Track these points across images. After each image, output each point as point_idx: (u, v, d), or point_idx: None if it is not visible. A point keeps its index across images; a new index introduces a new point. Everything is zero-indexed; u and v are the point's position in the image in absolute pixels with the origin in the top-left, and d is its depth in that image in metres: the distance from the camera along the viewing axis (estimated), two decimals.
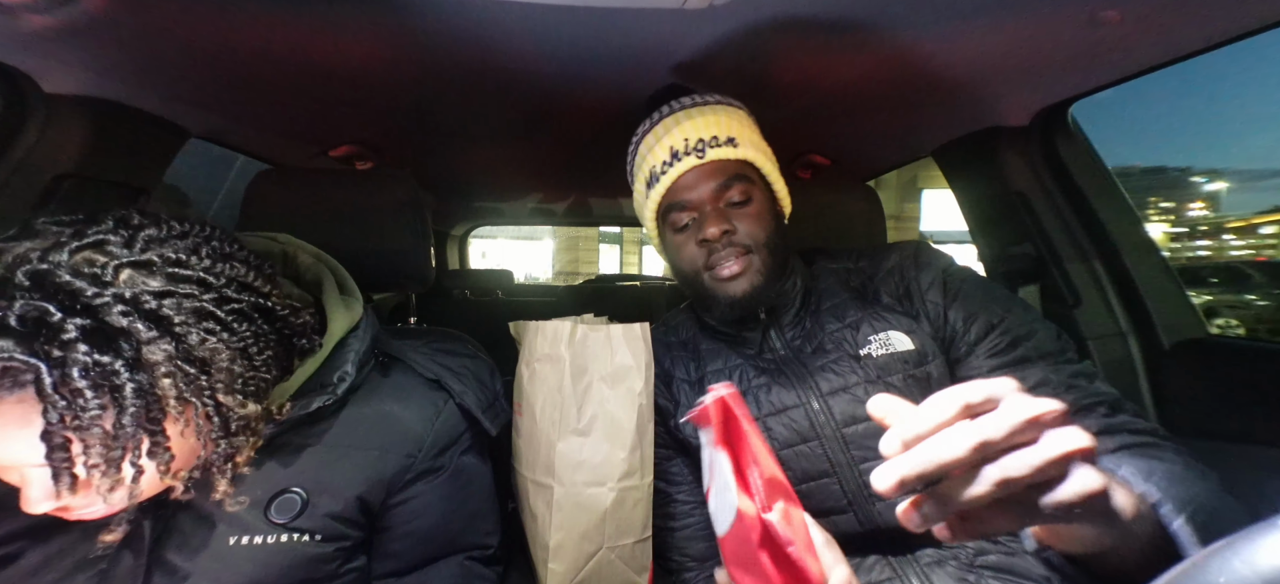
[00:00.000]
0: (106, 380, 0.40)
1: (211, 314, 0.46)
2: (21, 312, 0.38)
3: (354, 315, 0.62)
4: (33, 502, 0.42)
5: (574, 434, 0.66)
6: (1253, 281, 7.46)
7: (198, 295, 0.45)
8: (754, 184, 0.72)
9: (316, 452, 0.57)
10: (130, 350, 0.41)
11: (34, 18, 0.62)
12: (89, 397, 0.39)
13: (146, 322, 0.42)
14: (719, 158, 0.71)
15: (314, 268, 0.65)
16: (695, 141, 0.71)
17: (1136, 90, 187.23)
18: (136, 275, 0.43)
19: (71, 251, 0.42)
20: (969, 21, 0.68)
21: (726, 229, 0.70)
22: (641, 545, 0.69)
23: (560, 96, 0.94)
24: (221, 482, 0.48)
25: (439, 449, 0.63)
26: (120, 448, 0.41)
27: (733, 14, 0.65)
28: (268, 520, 0.55)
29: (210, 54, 0.75)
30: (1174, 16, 0.67)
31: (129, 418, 0.41)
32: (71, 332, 0.39)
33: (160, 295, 0.43)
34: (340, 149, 1.24)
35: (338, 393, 0.57)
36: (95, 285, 0.41)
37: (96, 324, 0.40)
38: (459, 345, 0.75)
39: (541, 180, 1.71)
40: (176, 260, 0.45)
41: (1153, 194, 32.82)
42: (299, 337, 0.55)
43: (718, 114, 0.73)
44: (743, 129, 0.73)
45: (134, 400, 0.41)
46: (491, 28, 0.69)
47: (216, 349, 0.45)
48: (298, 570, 0.55)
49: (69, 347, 0.38)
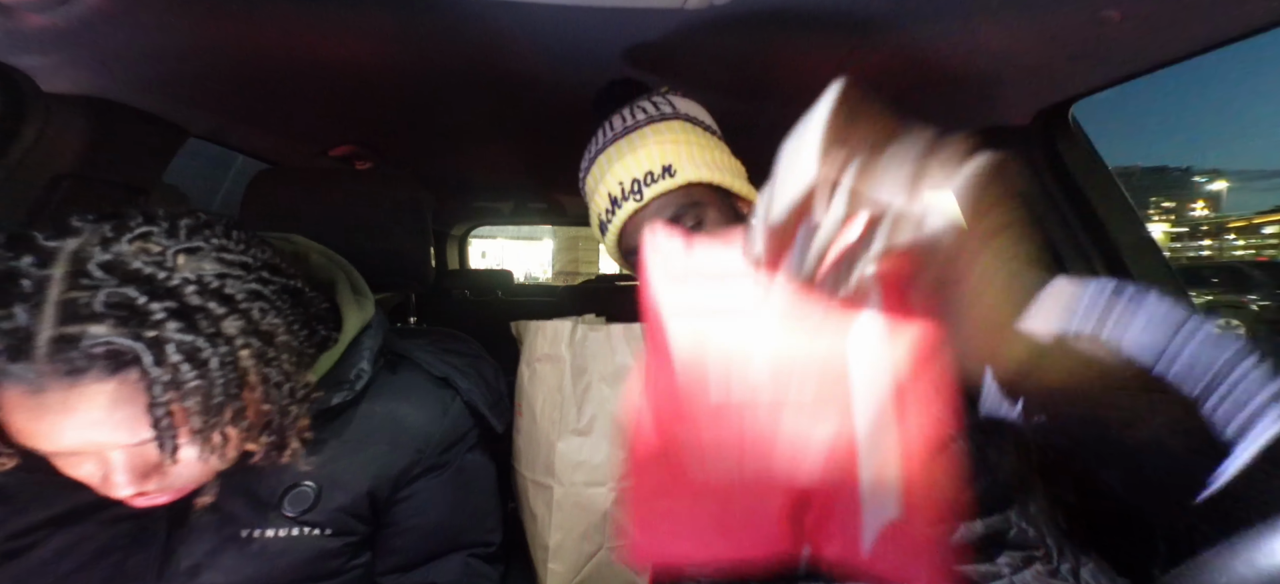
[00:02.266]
0: (196, 354, 0.42)
1: (261, 294, 0.49)
2: (108, 299, 0.40)
3: (367, 314, 0.64)
4: (119, 485, 0.44)
5: (574, 434, 0.66)
6: (1254, 281, 7.46)
7: (245, 277, 0.48)
8: (706, 205, 0.67)
9: (329, 447, 0.59)
10: (210, 327, 0.43)
11: (33, 17, 0.62)
12: (185, 370, 0.41)
13: (216, 300, 0.45)
14: (659, 193, 0.66)
15: (326, 268, 0.67)
16: (630, 183, 0.66)
17: (1136, 90, 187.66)
18: (192, 260, 0.46)
19: (128, 241, 0.44)
20: (969, 21, 0.68)
21: None
22: None
23: (560, 96, 0.94)
24: (293, 441, 0.51)
25: (446, 446, 0.64)
26: (213, 417, 0.43)
27: (733, 14, 0.65)
28: (281, 513, 0.56)
29: (210, 54, 0.75)
30: (1174, 16, 0.66)
31: (219, 388, 0.43)
32: (160, 313, 0.41)
33: (220, 277, 0.46)
34: (340, 149, 1.24)
35: (356, 389, 0.59)
36: (164, 270, 0.43)
37: (178, 304, 0.42)
38: (462, 345, 0.76)
39: (541, 180, 1.71)
40: (221, 246, 0.48)
41: (1154, 194, 32.86)
42: (319, 323, 0.58)
43: (649, 142, 0.67)
44: (682, 147, 0.67)
45: (220, 372, 0.43)
46: (491, 28, 0.69)
47: (275, 324, 0.49)
48: (307, 565, 0.57)
49: (160, 326, 0.41)
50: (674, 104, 0.71)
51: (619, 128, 0.70)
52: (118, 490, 0.44)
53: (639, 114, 0.70)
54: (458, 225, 2.49)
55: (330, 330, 0.60)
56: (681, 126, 0.69)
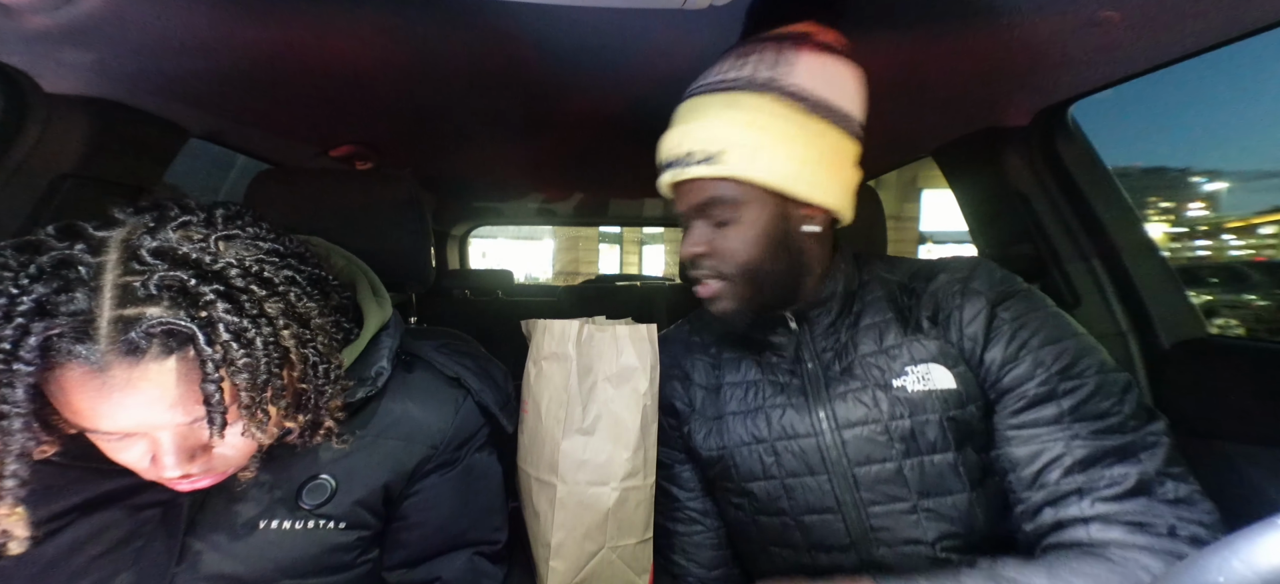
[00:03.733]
0: (243, 335, 0.44)
1: (295, 279, 0.50)
2: (161, 282, 0.42)
3: (386, 313, 0.65)
4: (169, 467, 0.45)
5: (578, 433, 0.66)
6: (1252, 281, 7.46)
7: (280, 263, 0.50)
8: (741, 204, 0.61)
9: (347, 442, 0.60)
10: (253, 308, 0.45)
11: (34, 18, 0.62)
12: (235, 348, 0.43)
13: (258, 283, 0.46)
14: (694, 178, 0.62)
15: (347, 269, 0.69)
16: (681, 152, 0.62)
17: (1136, 90, 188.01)
18: (232, 246, 0.48)
19: (172, 229, 0.46)
20: (969, 21, 0.68)
21: (696, 252, 0.64)
22: (643, 546, 0.69)
23: (560, 97, 0.94)
24: (329, 420, 0.53)
25: (457, 443, 0.66)
26: (259, 394, 0.45)
27: (733, 14, 0.65)
28: (298, 506, 0.57)
29: (210, 54, 0.75)
30: (1174, 16, 0.67)
31: (263, 366, 0.45)
32: (209, 295, 0.43)
33: (259, 262, 0.48)
34: (340, 149, 1.24)
35: (377, 385, 0.60)
36: (209, 255, 0.45)
37: (225, 287, 0.44)
38: (468, 346, 0.77)
39: (542, 180, 1.71)
40: (256, 234, 0.50)
41: (1152, 194, 32.82)
42: (344, 315, 0.61)
43: (716, 112, 0.60)
44: (750, 133, 0.59)
45: (264, 351, 0.45)
46: (492, 28, 0.69)
47: (310, 307, 0.50)
48: (322, 557, 0.58)
49: (211, 307, 0.43)
50: (791, 67, 0.60)
51: (712, 78, 0.63)
52: (167, 472, 0.45)
53: (741, 69, 0.61)
54: (458, 225, 2.49)
55: (352, 326, 0.62)
56: (773, 103, 0.59)
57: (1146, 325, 0.96)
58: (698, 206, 0.63)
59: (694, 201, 0.63)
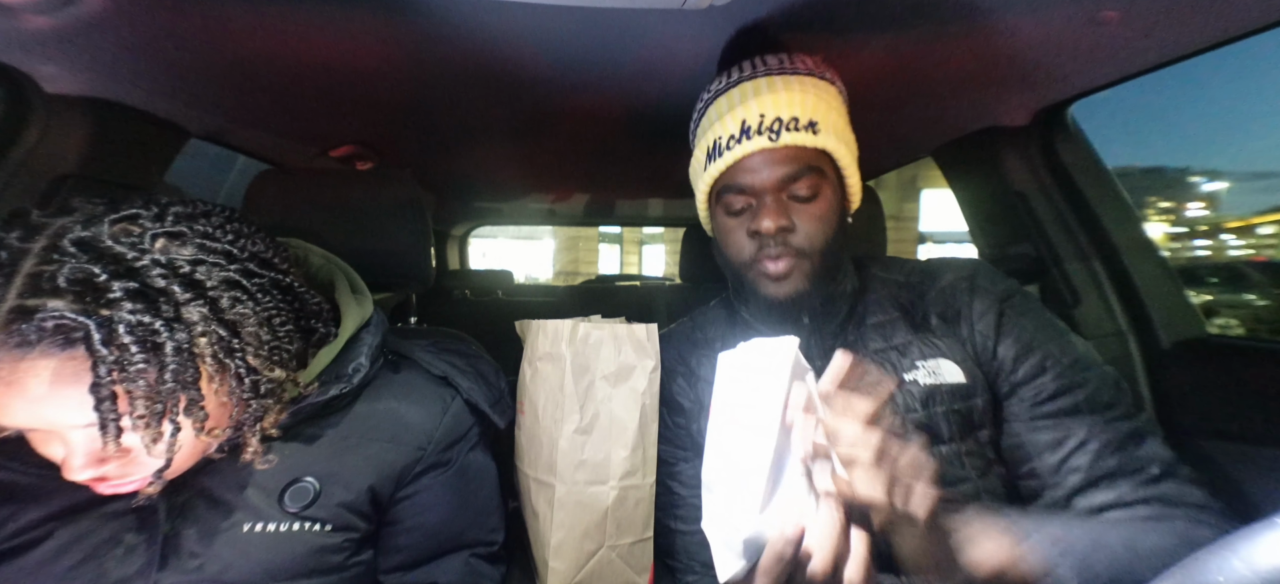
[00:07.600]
0: (149, 337, 0.41)
1: (238, 283, 0.48)
2: (71, 274, 0.40)
3: (365, 312, 0.64)
4: (75, 468, 0.44)
5: (576, 432, 0.66)
6: (1251, 281, 7.46)
7: (225, 265, 0.48)
8: (826, 178, 0.64)
9: (330, 443, 0.59)
10: (169, 311, 0.43)
11: (34, 18, 0.62)
12: (134, 352, 0.41)
13: (183, 285, 0.44)
14: (793, 144, 0.62)
15: (325, 268, 0.68)
16: (771, 120, 0.62)
17: (1136, 90, 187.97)
18: (170, 244, 0.46)
19: (111, 223, 0.44)
20: (969, 21, 0.68)
21: (783, 225, 0.63)
22: (642, 545, 0.69)
23: (560, 97, 0.94)
24: (252, 439, 0.50)
25: (447, 444, 0.65)
26: (162, 403, 0.43)
27: (733, 14, 0.65)
28: (281, 508, 0.56)
29: (210, 54, 0.75)
30: (1174, 16, 0.67)
31: (170, 374, 0.42)
32: (117, 292, 0.41)
33: (193, 263, 0.46)
34: (340, 149, 1.24)
35: (353, 382, 0.59)
36: (135, 251, 0.43)
37: (139, 285, 0.42)
38: (462, 345, 0.76)
39: (542, 180, 1.71)
40: (205, 234, 0.48)
41: (1152, 194, 32.82)
42: (316, 319, 0.58)
43: (804, 90, 0.64)
44: (829, 112, 0.64)
45: (174, 358, 0.42)
46: (492, 28, 0.69)
47: (245, 315, 0.48)
48: (308, 560, 0.57)
49: (115, 305, 0.40)
50: (835, 78, 0.69)
51: (774, 65, 0.66)
52: (74, 474, 0.44)
53: (800, 65, 0.66)
54: (458, 225, 2.49)
55: (330, 328, 0.61)
56: (834, 95, 0.67)
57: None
58: (788, 177, 0.63)
59: (786, 171, 0.63)
